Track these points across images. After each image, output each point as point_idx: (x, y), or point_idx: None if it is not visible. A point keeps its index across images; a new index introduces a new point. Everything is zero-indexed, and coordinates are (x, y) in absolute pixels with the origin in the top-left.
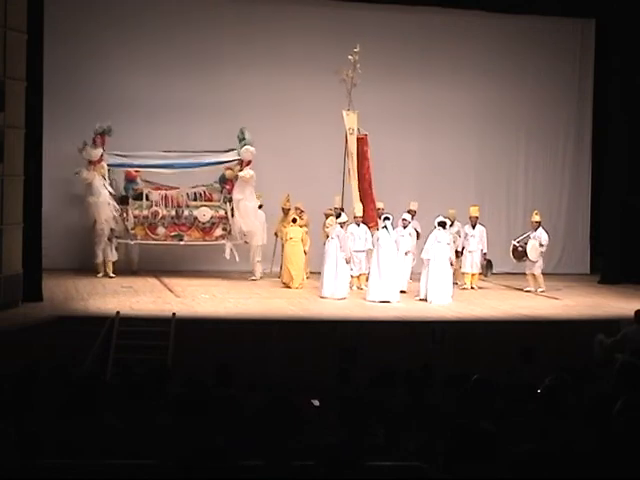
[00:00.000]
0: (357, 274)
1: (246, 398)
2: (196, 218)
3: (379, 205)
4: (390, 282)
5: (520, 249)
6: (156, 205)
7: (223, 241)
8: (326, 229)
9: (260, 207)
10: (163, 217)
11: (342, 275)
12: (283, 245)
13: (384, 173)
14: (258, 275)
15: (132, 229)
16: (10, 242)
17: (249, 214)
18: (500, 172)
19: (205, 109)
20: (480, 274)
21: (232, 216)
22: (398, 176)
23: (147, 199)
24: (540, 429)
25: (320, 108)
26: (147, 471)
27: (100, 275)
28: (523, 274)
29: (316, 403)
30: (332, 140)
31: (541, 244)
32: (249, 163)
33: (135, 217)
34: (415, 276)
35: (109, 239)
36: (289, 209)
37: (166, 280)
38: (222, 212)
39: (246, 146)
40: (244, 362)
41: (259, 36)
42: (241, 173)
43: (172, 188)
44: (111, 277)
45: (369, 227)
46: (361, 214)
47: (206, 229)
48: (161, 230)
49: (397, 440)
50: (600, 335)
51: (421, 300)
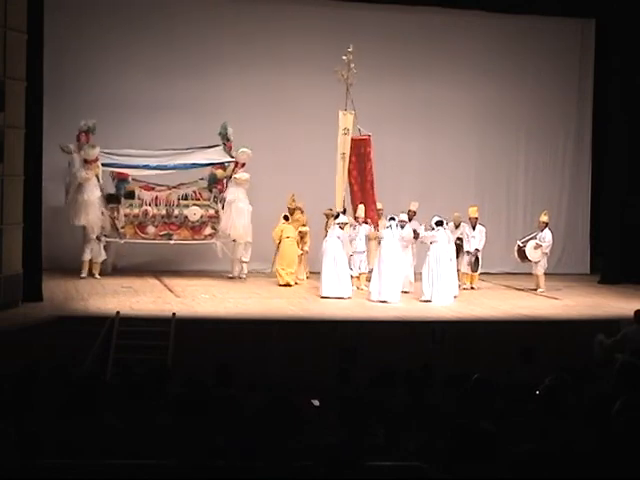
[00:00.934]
0: (357, 274)
1: (246, 398)
2: (186, 217)
3: (378, 206)
4: (391, 282)
5: (522, 249)
6: (147, 204)
7: (212, 240)
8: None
9: None
10: (153, 216)
11: (344, 274)
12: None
13: (384, 173)
14: (236, 273)
15: (122, 228)
16: (10, 242)
17: (244, 215)
18: (500, 172)
19: (205, 109)
20: (474, 272)
21: (221, 215)
22: (398, 176)
23: (138, 198)
24: (540, 429)
25: (320, 108)
26: (147, 471)
27: (83, 275)
28: (523, 274)
29: (316, 403)
30: (332, 140)
31: (540, 244)
32: (243, 165)
33: (125, 216)
34: (417, 276)
35: (97, 238)
36: (294, 209)
37: (166, 280)
38: (212, 211)
39: (243, 148)
40: (244, 362)
41: (259, 36)
42: (237, 175)
43: (163, 187)
44: (96, 278)
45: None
46: (363, 215)
47: (195, 228)
48: (151, 229)
49: (397, 440)
50: (600, 335)
51: (426, 301)
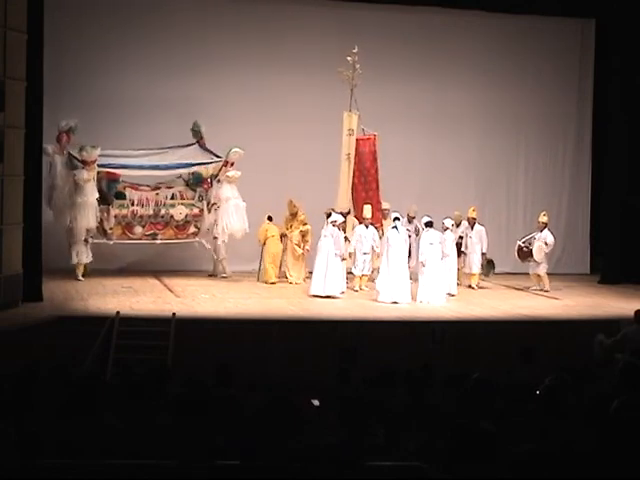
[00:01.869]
0: (360, 274)
1: (246, 398)
2: (172, 216)
3: (385, 206)
4: (400, 283)
5: (525, 249)
6: (135, 204)
7: (196, 238)
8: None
9: None
10: (141, 216)
11: (333, 273)
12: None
13: (384, 173)
14: (219, 272)
15: (110, 229)
16: (10, 242)
17: (241, 211)
18: (500, 172)
19: (205, 108)
20: (481, 274)
21: (206, 213)
22: (398, 176)
23: (127, 198)
24: (540, 429)
25: (320, 108)
26: (147, 471)
27: (81, 278)
28: (523, 274)
29: (316, 403)
30: (332, 140)
31: (546, 244)
32: (233, 164)
33: (115, 217)
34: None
35: (85, 240)
36: (297, 212)
37: (166, 280)
38: (196, 210)
39: (236, 149)
40: (244, 362)
41: (259, 36)
42: (230, 174)
43: (146, 187)
44: (79, 280)
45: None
46: (370, 216)
47: (180, 227)
48: (138, 229)
49: (397, 440)
50: (600, 335)
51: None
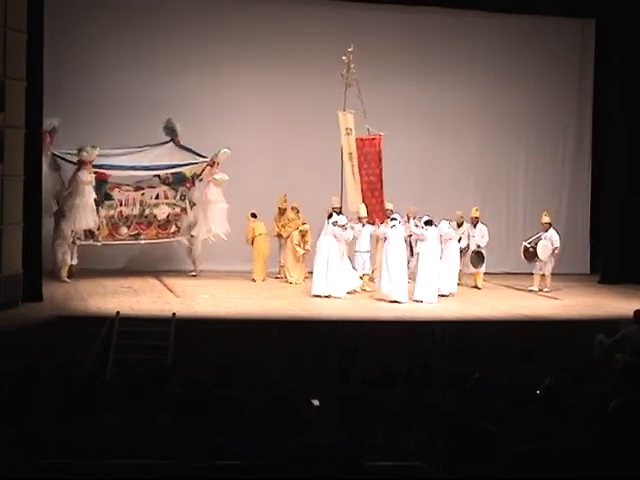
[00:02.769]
0: (361, 274)
1: (246, 398)
2: (155, 216)
3: (388, 206)
4: (400, 282)
5: (531, 250)
6: (123, 204)
7: (178, 237)
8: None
9: None
10: (127, 217)
11: (332, 273)
12: (280, 245)
13: (385, 173)
14: (197, 272)
15: (97, 230)
16: (10, 242)
17: (223, 215)
18: (500, 172)
19: (205, 108)
20: (474, 267)
21: (186, 213)
22: (398, 176)
23: (115, 199)
24: (540, 429)
25: (320, 107)
26: (147, 471)
27: (67, 279)
28: (523, 274)
29: (316, 403)
30: (331, 139)
31: (553, 244)
32: (219, 164)
33: (103, 217)
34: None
35: (72, 242)
36: (285, 208)
37: (166, 280)
38: (178, 209)
39: (224, 149)
40: (244, 362)
41: (259, 36)
42: (217, 177)
43: (130, 187)
44: (65, 281)
45: (375, 223)
46: (366, 215)
47: (162, 226)
48: (124, 230)
49: (397, 440)
50: (600, 335)
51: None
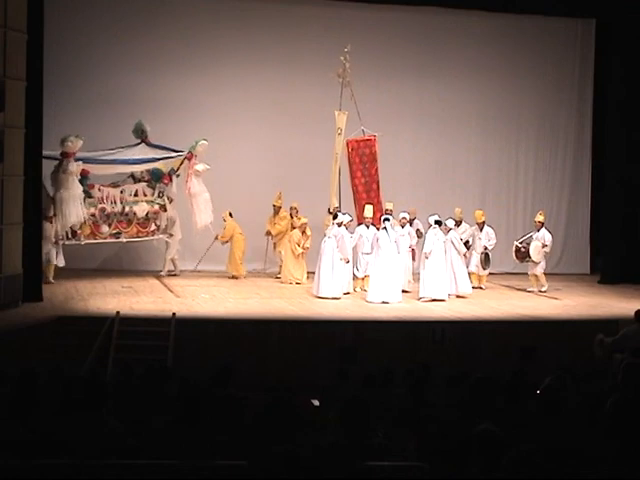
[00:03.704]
0: (362, 275)
1: (246, 398)
2: (135, 213)
3: (388, 206)
4: (390, 282)
5: (523, 250)
6: (104, 202)
7: (158, 235)
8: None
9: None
10: (109, 215)
11: (338, 275)
12: (275, 244)
13: (384, 173)
14: (167, 272)
15: (79, 229)
16: (10, 242)
17: (208, 206)
18: (500, 172)
19: (205, 108)
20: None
21: (165, 210)
22: (398, 176)
23: (95, 197)
24: (540, 429)
25: (320, 107)
26: (147, 471)
27: (52, 280)
28: (523, 274)
29: (316, 403)
30: (330, 139)
31: (544, 245)
32: (196, 156)
33: (84, 215)
34: (417, 276)
35: (56, 242)
36: (280, 207)
37: (166, 280)
38: (156, 207)
39: (203, 141)
40: (244, 362)
41: (258, 36)
42: (198, 168)
43: (114, 185)
44: (50, 282)
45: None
46: (371, 215)
47: (142, 224)
48: (105, 228)
49: (397, 440)
50: (600, 335)
51: (426, 300)
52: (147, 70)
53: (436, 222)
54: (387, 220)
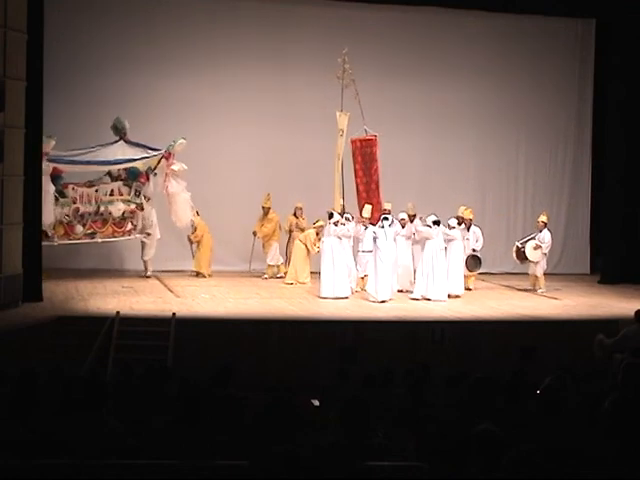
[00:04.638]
0: (362, 275)
1: (246, 398)
2: (110, 213)
3: (387, 206)
4: (387, 282)
5: (523, 250)
6: (78, 202)
7: (134, 235)
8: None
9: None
10: (83, 214)
11: (340, 274)
12: (264, 244)
13: (384, 174)
14: (149, 272)
15: (53, 229)
16: (10, 242)
17: (187, 206)
18: (500, 172)
19: (204, 108)
20: (470, 271)
21: (142, 210)
22: (397, 177)
23: (69, 196)
24: (540, 429)
25: (320, 108)
26: (147, 471)
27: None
28: (523, 274)
29: (316, 403)
30: (331, 140)
31: (540, 245)
32: (174, 156)
33: (58, 215)
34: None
35: None
36: (269, 208)
37: (166, 280)
38: (133, 206)
39: (181, 140)
40: (244, 362)
41: (258, 36)
42: (175, 167)
43: (88, 184)
44: None
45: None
46: (368, 216)
47: (117, 224)
48: (79, 228)
49: (397, 440)
50: (600, 335)
51: (421, 299)
52: (148, 70)
53: (434, 222)
54: (386, 219)
